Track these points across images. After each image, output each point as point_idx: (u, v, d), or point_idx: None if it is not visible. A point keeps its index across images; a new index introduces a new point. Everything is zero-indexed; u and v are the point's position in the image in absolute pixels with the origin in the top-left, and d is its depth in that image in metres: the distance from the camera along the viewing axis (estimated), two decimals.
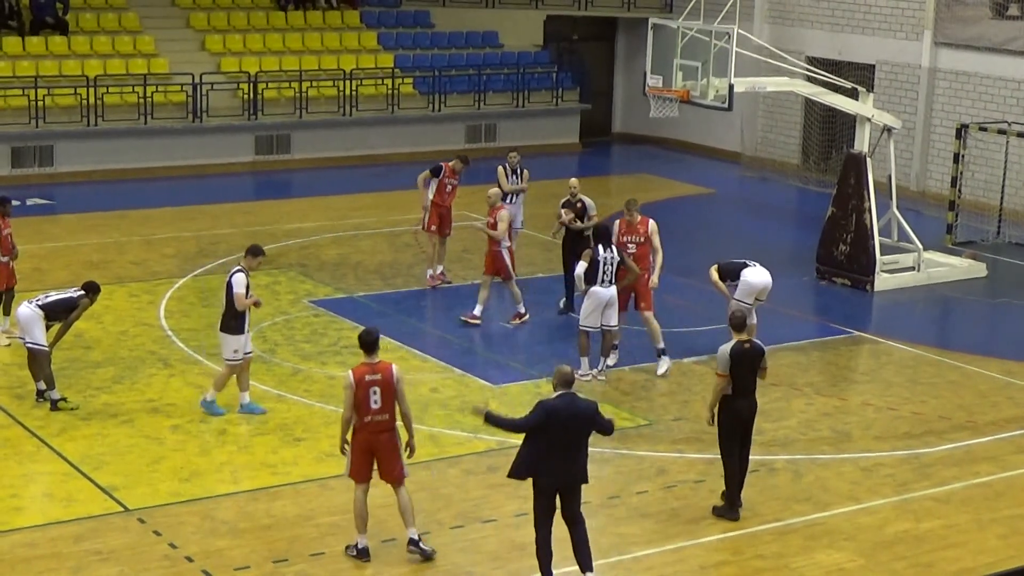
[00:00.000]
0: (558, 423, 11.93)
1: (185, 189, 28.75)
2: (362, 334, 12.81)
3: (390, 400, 12.52)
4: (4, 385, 16.93)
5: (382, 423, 12.52)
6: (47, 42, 30.77)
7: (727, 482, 13.87)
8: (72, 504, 13.77)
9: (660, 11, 35.02)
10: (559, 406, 11.98)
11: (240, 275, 15.84)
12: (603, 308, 17.56)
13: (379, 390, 12.46)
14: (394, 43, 34.32)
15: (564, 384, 12.09)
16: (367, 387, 12.44)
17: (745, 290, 18.29)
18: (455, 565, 12.77)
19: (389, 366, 12.63)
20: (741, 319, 13.93)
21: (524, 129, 34.23)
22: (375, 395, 12.45)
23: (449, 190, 21.76)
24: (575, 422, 11.99)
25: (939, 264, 23.88)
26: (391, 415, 12.56)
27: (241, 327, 15.95)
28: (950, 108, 29.76)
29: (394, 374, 12.56)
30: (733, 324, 13.89)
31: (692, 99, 21.80)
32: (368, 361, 12.59)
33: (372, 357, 12.61)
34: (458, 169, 21.86)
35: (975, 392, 18.03)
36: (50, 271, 21.79)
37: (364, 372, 12.51)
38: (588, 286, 17.53)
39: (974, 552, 13.40)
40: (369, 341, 12.66)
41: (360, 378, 12.46)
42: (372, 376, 12.49)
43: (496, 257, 19.77)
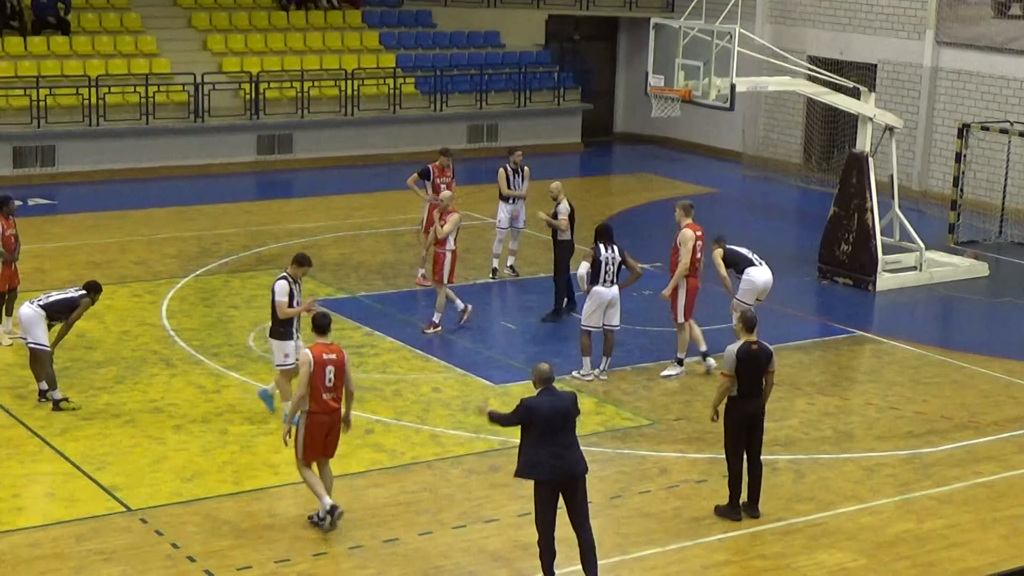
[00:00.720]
0: (540, 419, 12.05)
1: (187, 189, 28.76)
2: (318, 316, 13.47)
3: (341, 380, 13.18)
4: (6, 385, 16.94)
5: (332, 401, 13.16)
6: (49, 42, 30.79)
7: (731, 484, 13.85)
8: (74, 504, 13.77)
9: (662, 11, 35.04)
10: (539, 403, 12.13)
11: (282, 283, 15.59)
12: (605, 308, 17.55)
13: (333, 369, 13.10)
14: (396, 43, 34.33)
15: (542, 382, 12.25)
16: (324, 366, 13.05)
17: (748, 289, 18.30)
18: (457, 565, 12.77)
19: (340, 347, 13.33)
20: (751, 320, 13.86)
21: (526, 129, 34.23)
22: (330, 374, 13.08)
23: (443, 189, 21.79)
24: (557, 415, 12.10)
25: (941, 264, 23.87)
26: (339, 394, 13.24)
27: (289, 333, 15.66)
28: (952, 107, 29.76)
29: (346, 356, 13.27)
30: (743, 325, 13.82)
31: (694, 99, 21.80)
32: (323, 342, 13.22)
33: (326, 338, 13.28)
34: (445, 164, 21.85)
35: (977, 392, 18.02)
36: (52, 271, 21.80)
37: (322, 351, 13.12)
38: (590, 286, 17.51)
39: (976, 552, 13.39)
40: (324, 324, 13.37)
41: (318, 357, 13.06)
42: (328, 356, 13.12)
43: (437, 259, 19.50)
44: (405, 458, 15.18)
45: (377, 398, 16.88)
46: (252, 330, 19.29)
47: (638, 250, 19.65)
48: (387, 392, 17.14)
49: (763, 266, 18.43)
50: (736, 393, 13.63)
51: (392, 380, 17.61)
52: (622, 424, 16.44)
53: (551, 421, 12.05)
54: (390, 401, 16.84)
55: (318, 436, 13.11)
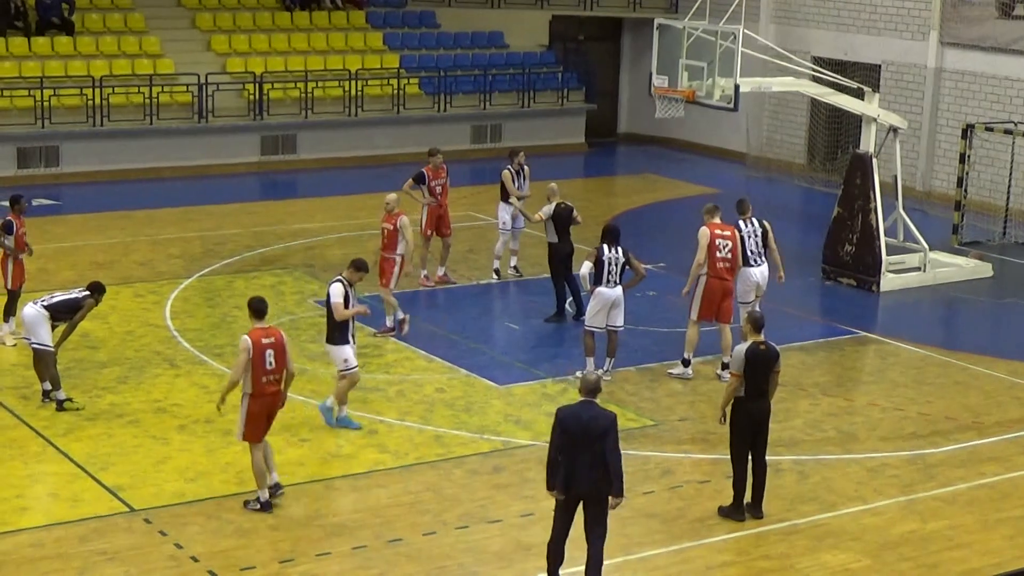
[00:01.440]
0: (566, 429, 11.86)
1: (191, 189, 28.78)
2: (254, 301, 13.79)
3: (282, 361, 13.52)
4: (10, 385, 16.95)
5: (273, 383, 13.52)
6: (53, 43, 30.80)
7: (735, 484, 13.83)
8: (78, 504, 13.78)
9: (666, 11, 35.04)
10: (569, 413, 11.93)
11: (338, 285, 15.55)
12: (609, 308, 17.54)
13: (273, 352, 13.45)
14: (400, 43, 34.33)
15: (586, 391, 12.04)
16: (263, 349, 13.39)
17: (745, 287, 18.30)
18: (460, 565, 12.77)
19: (279, 330, 13.67)
20: (759, 321, 13.85)
21: (530, 129, 34.23)
22: (270, 357, 13.44)
23: (440, 190, 21.80)
24: (581, 431, 11.83)
25: (945, 264, 23.86)
26: (279, 376, 13.55)
27: (346, 337, 15.59)
28: (956, 108, 29.74)
29: (284, 338, 13.60)
30: (752, 326, 13.80)
31: (698, 99, 21.78)
32: (261, 326, 13.57)
33: (263, 322, 13.63)
34: (438, 164, 21.86)
35: (981, 392, 18.01)
36: (56, 271, 21.81)
37: (260, 336, 13.46)
38: (594, 287, 17.49)
39: (980, 553, 13.38)
40: (261, 308, 13.71)
41: (257, 341, 13.40)
42: (267, 339, 13.45)
43: (388, 265, 19.33)
44: (408, 459, 15.18)
45: (381, 399, 16.88)
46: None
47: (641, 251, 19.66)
48: (391, 392, 17.14)
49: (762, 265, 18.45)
50: (743, 394, 13.61)
51: (395, 380, 17.62)
52: (626, 425, 16.38)
53: (574, 435, 11.83)
54: (394, 402, 16.84)
55: (260, 417, 13.51)
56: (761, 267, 18.47)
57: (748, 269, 18.37)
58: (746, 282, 18.37)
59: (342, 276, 15.82)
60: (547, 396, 17.16)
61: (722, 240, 17.84)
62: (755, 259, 18.43)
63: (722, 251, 17.81)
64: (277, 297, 20.97)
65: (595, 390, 12.06)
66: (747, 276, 18.37)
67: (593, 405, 11.98)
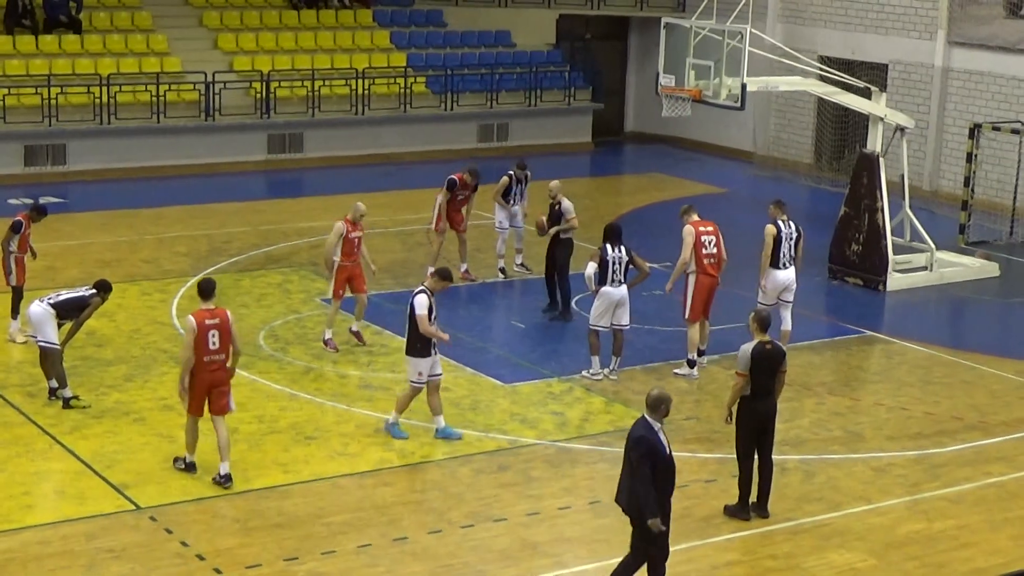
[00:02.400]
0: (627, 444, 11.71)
1: (197, 188, 28.80)
2: (202, 282, 14.26)
3: (227, 342, 13.96)
4: (16, 383, 16.97)
5: (219, 362, 13.98)
6: (60, 41, 30.84)
7: (741, 483, 13.81)
8: (84, 502, 13.79)
9: (673, 10, 35.01)
10: (632, 430, 11.67)
11: (423, 296, 15.15)
12: (614, 308, 17.54)
13: (218, 333, 13.89)
14: (406, 42, 34.33)
15: (648, 406, 11.64)
16: (207, 330, 13.86)
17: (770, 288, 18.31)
18: (466, 564, 12.77)
19: (225, 311, 14.12)
20: (766, 320, 13.83)
21: (536, 128, 34.24)
22: (214, 337, 13.88)
23: (461, 199, 21.91)
24: (626, 443, 11.71)
25: (952, 264, 23.83)
26: (226, 355, 14.00)
27: (428, 349, 15.28)
28: (963, 107, 29.70)
29: (229, 318, 14.02)
30: (758, 325, 13.77)
31: (704, 98, 21.78)
32: (206, 307, 14.02)
33: (209, 303, 14.05)
34: (469, 182, 21.92)
35: (988, 392, 17.98)
36: (62, 269, 21.83)
37: (204, 316, 13.93)
38: (599, 286, 17.50)
39: (986, 553, 13.37)
40: (207, 289, 14.14)
41: (201, 322, 13.88)
42: (212, 320, 13.91)
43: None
44: (414, 457, 15.18)
45: (387, 397, 16.87)
46: (262, 329, 19.30)
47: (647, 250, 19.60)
48: (397, 391, 17.12)
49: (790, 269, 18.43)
50: (749, 393, 13.59)
51: (402, 379, 17.56)
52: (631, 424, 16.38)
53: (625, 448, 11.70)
54: None
55: (200, 392, 14.00)
56: (789, 270, 18.43)
57: (774, 271, 18.34)
58: (773, 283, 18.32)
59: (425, 286, 15.34)
60: (552, 395, 17.15)
61: (707, 236, 17.91)
62: (785, 262, 18.40)
63: (708, 247, 17.89)
64: (283, 295, 20.99)
65: (651, 406, 11.55)
66: (774, 277, 18.33)
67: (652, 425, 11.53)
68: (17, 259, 18.54)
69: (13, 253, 18.49)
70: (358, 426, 15.96)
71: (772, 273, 18.38)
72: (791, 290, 18.52)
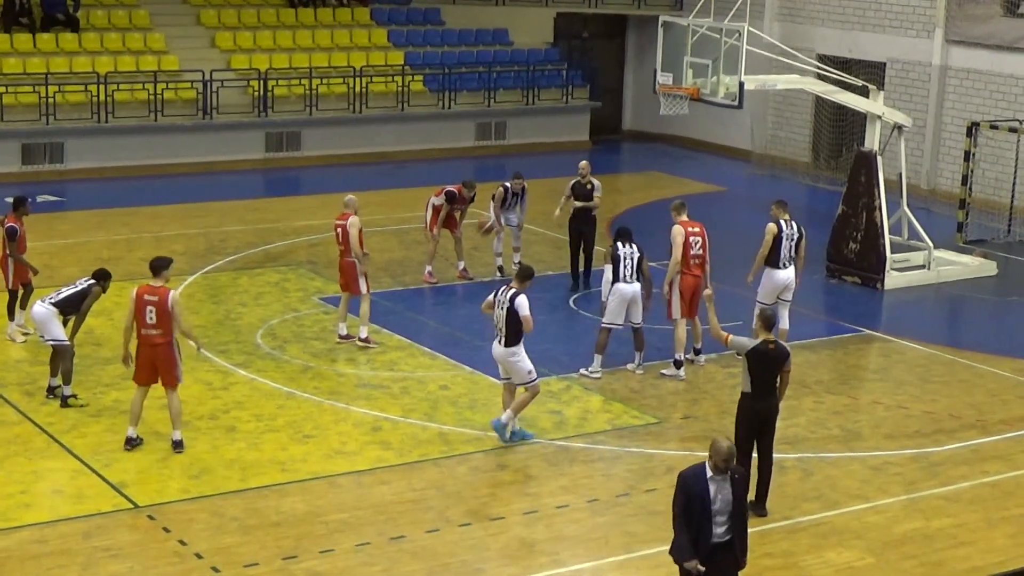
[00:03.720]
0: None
1: (195, 186, 28.79)
2: (154, 259, 14.84)
3: (164, 319, 14.43)
4: (14, 382, 16.96)
5: (155, 336, 14.50)
6: (58, 39, 30.83)
7: None
8: (82, 501, 13.79)
9: (670, 8, 35.03)
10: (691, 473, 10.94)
11: (524, 297, 15.14)
12: (628, 305, 17.63)
13: (155, 310, 14.42)
14: (404, 40, 34.33)
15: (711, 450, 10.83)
16: (144, 305, 14.46)
17: (769, 288, 18.33)
18: (464, 563, 12.77)
19: (167, 291, 14.54)
20: (770, 319, 13.80)
21: (534, 127, 34.25)
22: (151, 313, 14.45)
23: (458, 216, 21.97)
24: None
25: (949, 262, 23.84)
26: (165, 331, 14.48)
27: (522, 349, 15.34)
28: (961, 106, 29.71)
29: (169, 299, 14.45)
30: (762, 324, 13.75)
31: (702, 97, 21.77)
32: (151, 284, 14.59)
33: (155, 281, 14.61)
34: (467, 196, 21.99)
35: (985, 391, 17.99)
36: (60, 268, 21.82)
37: (144, 292, 14.55)
38: (612, 284, 17.65)
39: (983, 551, 13.37)
40: (155, 265, 14.75)
41: (139, 296, 14.53)
42: (150, 296, 14.48)
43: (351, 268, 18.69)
44: (412, 455, 15.18)
45: (385, 395, 16.88)
46: (260, 327, 19.30)
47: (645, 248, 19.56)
48: (395, 389, 17.14)
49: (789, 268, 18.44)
50: (750, 391, 13.58)
51: (399, 377, 17.62)
52: (629, 422, 16.43)
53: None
54: (398, 398, 16.84)
55: (142, 363, 14.68)
56: (788, 270, 18.45)
57: (774, 271, 18.35)
58: (772, 282, 18.35)
59: (516, 287, 15.21)
60: (550, 393, 17.15)
61: (694, 237, 17.98)
62: (785, 262, 18.42)
63: (694, 248, 17.96)
64: (281, 294, 20.99)
65: (722, 458, 10.67)
66: (772, 277, 18.35)
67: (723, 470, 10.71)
68: (17, 261, 18.46)
69: (12, 256, 18.42)
70: (356, 425, 15.96)
71: (771, 273, 18.39)
72: (790, 289, 18.53)
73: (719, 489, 10.67)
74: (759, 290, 18.53)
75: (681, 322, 18.04)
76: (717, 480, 10.66)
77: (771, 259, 18.37)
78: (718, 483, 10.67)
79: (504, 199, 22.30)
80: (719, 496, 10.69)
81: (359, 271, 18.54)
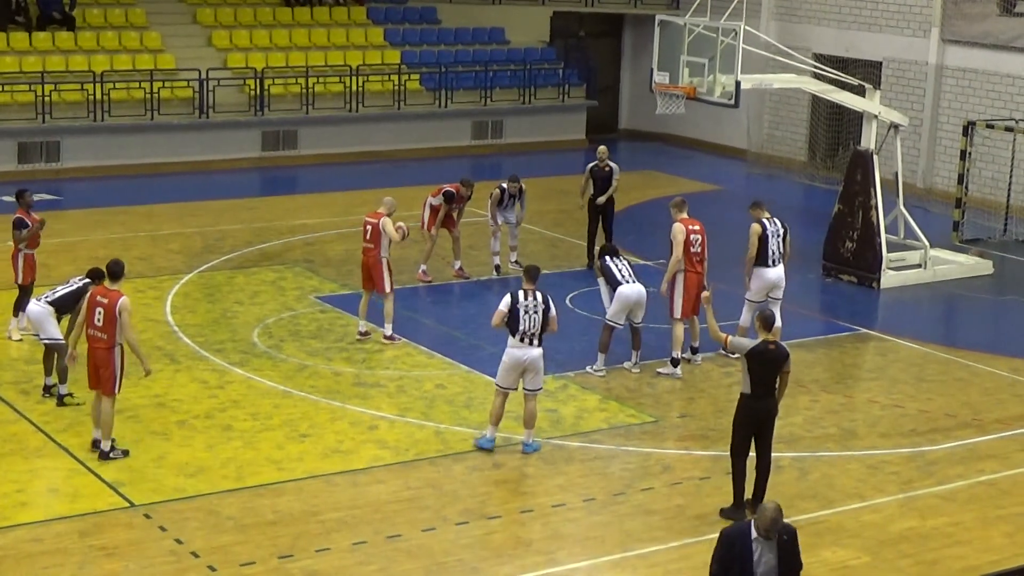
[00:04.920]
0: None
1: (191, 185, 28.76)
2: (110, 263, 14.80)
3: (109, 324, 14.38)
4: (10, 380, 16.95)
5: (98, 339, 14.48)
6: (54, 38, 30.80)
7: (735, 482, 13.78)
8: (77, 499, 13.78)
9: (667, 7, 35.02)
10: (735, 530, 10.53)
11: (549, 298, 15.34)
12: (631, 308, 17.68)
13: (102, 312, 14.40)
14: (400, 39, 34.31)
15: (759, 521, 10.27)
16: (94, 306, 14.51)
17: (759, 286, 18.32)
18: (460, 561, 12.77)
19: (119, 298, 14.45)
20: (770, 319, 13.75)
21: (530, 126, 34.24)
22: (99, 315, 14.45)
23: (455, 215, 21.94)
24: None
25: (946, 261, 23.85)
26: (109, 336, 14.42)
27: None
28: (957, 105, 29.72)
29: (118, 305, 14.38)
30: (761, 324, 13.73)
31: (699, 96, 21.76)
32: (107, 286, 14.62)
33: (111, 284, 14.60)
34: (465, 194, 21.97)
35: (981, 390, 18.00)
36: (56, 267, 21.77)
37: (97, 293, 14.63)
38: (613, 290, 17.67)
39: (979, 550, 13.38)
40: (111, 270, 14.74)
41: (92, 297, 14.63)
42: (101, 299, 14.50)
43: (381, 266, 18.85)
44: (408, 454, 15.18)
45: (381, 394, 16.88)
46: (256, 326, 19.30)
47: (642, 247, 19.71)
48: (391, 388, 17.14)
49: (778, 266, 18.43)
50: (750, 392, 13.56)
51: (395, 376, 17.62)
52: (625, 421, 16.44)
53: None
54: (394, 397, 16.83)
55: (89, 365, 14.67)
56: (778, 268, 18.44)
57: (763, 269, 18.33)
58: (762, 280, 18.34)
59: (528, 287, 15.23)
60: (547, 392, 17.13)
61: (695, 235, 17.98)
62: (774, 259, 18.40)
63: (695, 246, 17.98)
64: (277, 293, 20.98)
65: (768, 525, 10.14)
66: (762, 275, 18.33)
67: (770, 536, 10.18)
68: (27, 257, 18.44)
69: (23, 251, 18.40)
70: (352, 424, 15.95)
71: (761, 271, 18.37)
72: (780, 287, 18.52)
73: (763, 553, 10.13)
74: (750, 287, 18.48)
75: (680, 321, 18.05)
76: (762, 542, 10.12)
77: (760, 258, 18.36)
78: (763, 546, 10.12)
79: (500, 200, 22.33)
80: (763, 560, 10.15)
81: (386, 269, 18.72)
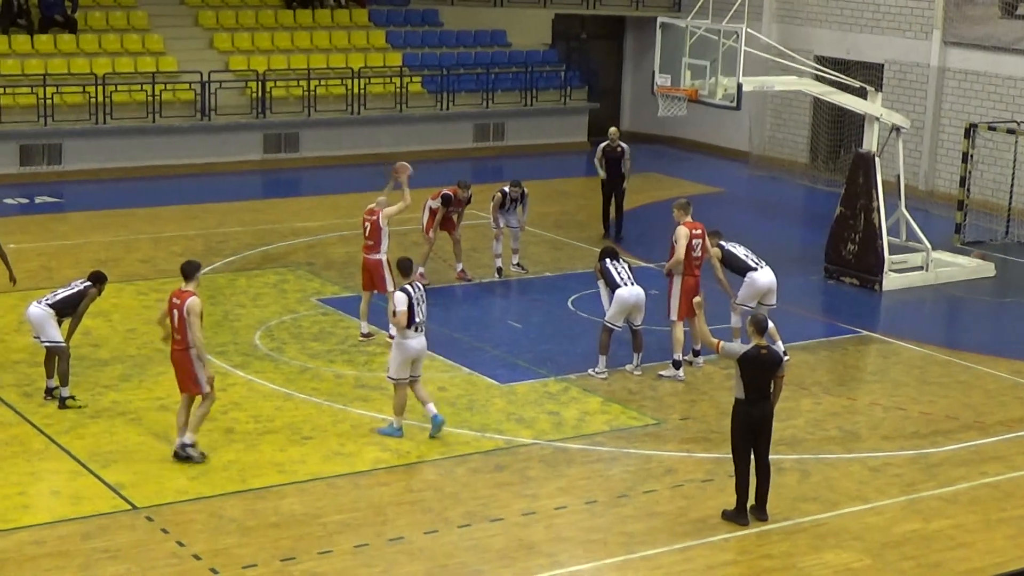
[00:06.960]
0: None
1: (193, 187, 28.78)
2: (184, 263, 14.87)
3: (183, 325, 14.43)
4: (12, 383, 16.95)
5: (176, 340, 14.57)
6: (56, 40, 30.82)
7: (738, 487, 13.77)
8: (80, 502, 13.78)
9: (668, 10, 35.02)
10: None
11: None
12: (630, 311, 17.68)
13: (177, 313, 14.49)
14: (402, 42, 34.32)
15: None
16: (171, 308, 14.59)
17: (749, 293, 18.31)
18: (462, 564, 12.77)
19: (188, 298, 14.45)
20: (762, 323, 13.76)
21: (532, 128, 34.25)
22: (175, 316, 14.54)
23: (456, 218, 21.93)
24: None
25: (947, 264, 23.84)
26: (183, 337, 14.46)
27: None
28: (959, 107, 29.72)
29: (186, 306, 14.39)
30: (754, 328, 13.72)
31: (700, 98, 21.77)
32: (182, 288, 14.63)
33: (186, 285, 14.63)
34: (462, 197, 21.95)
35: (983, 392, 17.99)
36: (58, 269, 21.81)
37: (174, 295, 14.67)
38: (613, 292, 17.66)
39: (982, 552, 13.37)
40: (184, 270, 14.80)
41: (171, 298, 14.69)
42: (176, 300, 14.57)
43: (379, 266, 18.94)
44: (410, 457, 15.18)
45: (383, 396, 16.87)
46: (258, 328, 19.30)
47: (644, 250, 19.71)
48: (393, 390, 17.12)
49: (765, 268, 18.42)
50: (743, 397, 13.56)
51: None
52: (628, 423, 16.43)
53: None
54: None
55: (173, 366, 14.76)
56: (766, 271, 18.40)
57: (753, 275, 18.33)
58: (755, 287, 18.31)
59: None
60: (549, 395, 17.16)
61: (696, 239, 17.99)
62: (756, 264, 18.38)
63: (695, 249, 18.00)
64: (279, 295, 20.99)
65: None
66: (754, 282, 18.31)
67: None
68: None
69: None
70: (354, 426, 15.95)
71: (752, 277, 18.33)
72: (773, 292, 18.44)
73: None
74: (739, 293, 18.46)
75: (679, 323, 18.05)
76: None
77: (741, 268, 18.35)
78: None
79: (502, 203, 22.33)
80: None
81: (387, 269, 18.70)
